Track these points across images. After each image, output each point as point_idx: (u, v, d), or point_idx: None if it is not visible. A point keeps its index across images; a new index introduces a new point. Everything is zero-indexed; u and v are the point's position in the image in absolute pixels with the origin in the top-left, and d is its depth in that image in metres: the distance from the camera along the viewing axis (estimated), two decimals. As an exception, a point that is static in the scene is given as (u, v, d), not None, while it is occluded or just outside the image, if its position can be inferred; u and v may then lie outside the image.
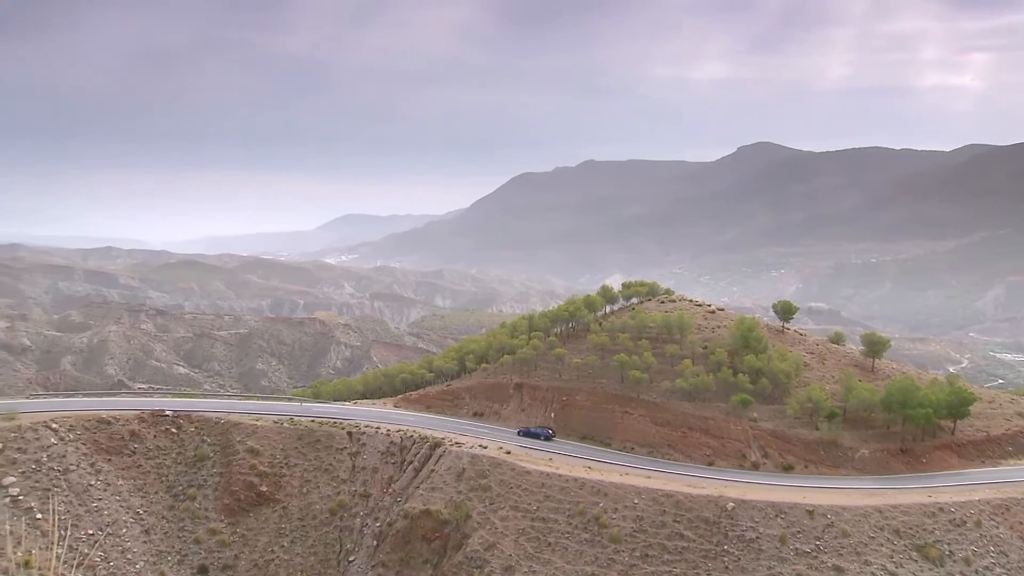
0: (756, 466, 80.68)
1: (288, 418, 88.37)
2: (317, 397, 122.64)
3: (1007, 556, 65.39)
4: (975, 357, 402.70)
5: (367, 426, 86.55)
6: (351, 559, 73.18)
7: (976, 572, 63.79)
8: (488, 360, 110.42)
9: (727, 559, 63.21)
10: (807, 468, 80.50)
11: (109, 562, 64.53)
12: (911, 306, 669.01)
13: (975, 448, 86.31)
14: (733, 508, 66.50)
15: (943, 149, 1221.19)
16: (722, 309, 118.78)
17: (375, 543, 73.75)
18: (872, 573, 62.11)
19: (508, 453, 78.85)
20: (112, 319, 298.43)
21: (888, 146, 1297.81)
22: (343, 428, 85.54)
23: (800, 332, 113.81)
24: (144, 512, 71.69)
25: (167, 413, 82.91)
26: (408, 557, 70.59)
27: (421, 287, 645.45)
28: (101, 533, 66.18)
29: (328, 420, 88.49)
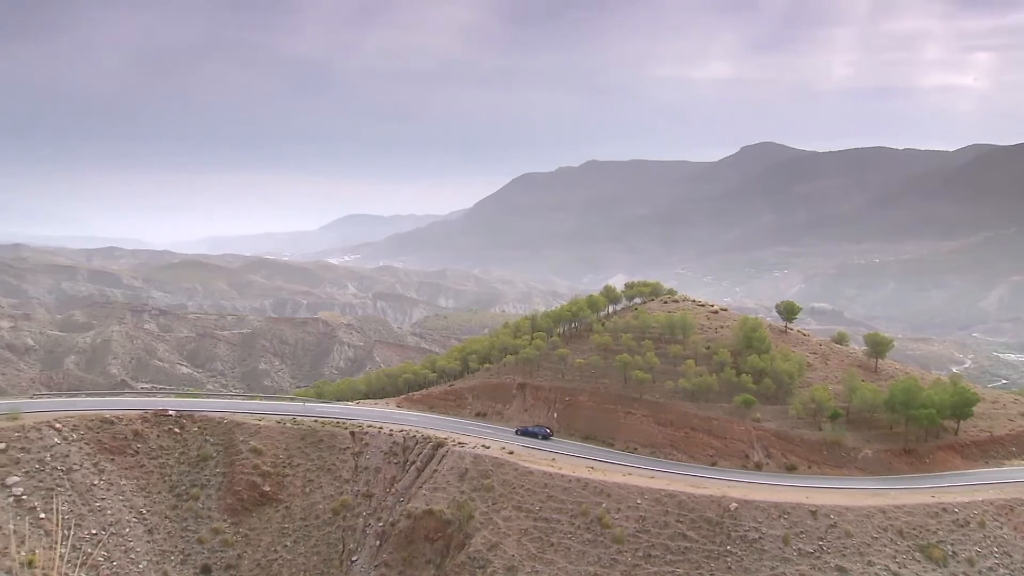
0: (759, 466, 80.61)
1: (291, 418, 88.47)
2: (320, 397, 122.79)
3: (1011, 557, 65.23)
4: (979, 357, 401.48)
5: (370, 426, 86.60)
6: (354, 559, 73.22)
7: (980, 573, 63.65)
8: (491, 360, 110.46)
9: (730, 559, 63.15)
10: (810, 468, 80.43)
11: (112, 562, 64.65)
12: (914, 306, 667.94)
13: (979, 449, 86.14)
14: (736, 508, 66.42)
15: (946, 149, 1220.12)
16: (725, 309, 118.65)
17: (378, 543, 73.79)
18: (875, 574, 62.01)
19: (511, 453, 78.81)
20: (115, 319, 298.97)
21: (891, 146, 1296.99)
22: (346, 428, 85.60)
23: (803, 332, 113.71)
24: (147, 512, 71.83)
25: (170, 413, 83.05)
26: (411, 557, 70.61)
27: (424, 287, 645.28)
28: (104, 533, 66.31)
29: (331, 420, 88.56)
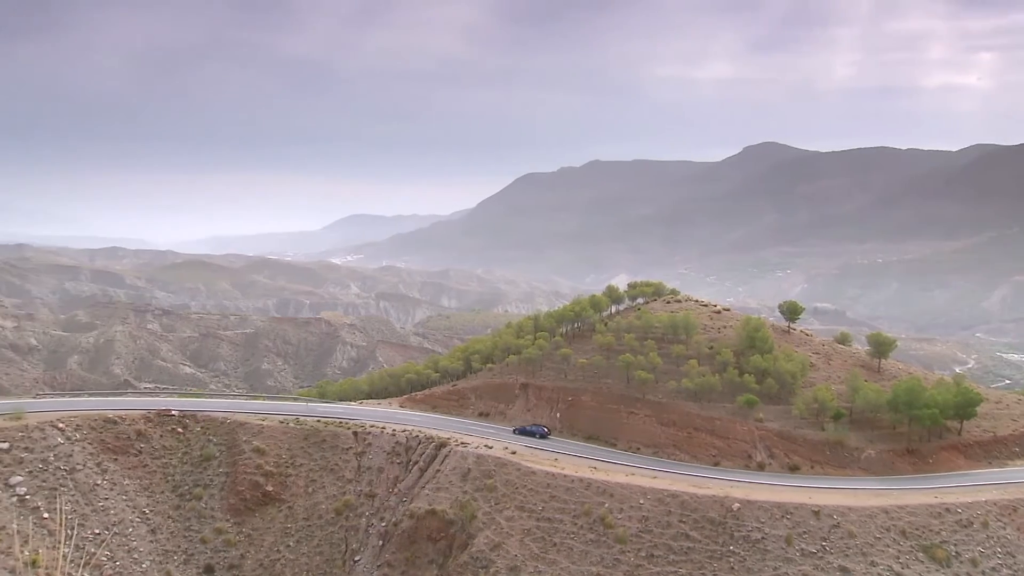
0: (762, 466, 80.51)
1: (294, 418, 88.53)
2: (323, 397, 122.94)
3: (1014, 557, 65.07)
4: (982, 357, 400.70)
5: (373, 426, 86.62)
6: (357, 559, 73.26)
7: (983, 573, 63.51)
8: (494, 360, 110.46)
9: (732, 559, 63.10)
10: (813, 469, 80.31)
11: (115, 561, 64.78)
12: (917, 306, 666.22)
13: (982, 449, 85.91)
14: (739, 508, 66.36)
15: (949, 149, 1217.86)
16: (728, 309, 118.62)
17: (380, 543, 73.82)
18: (878, 574, 61.92)
19: (513, 453, 78.78)
20: (118, 319, 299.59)
21: (894, 146, 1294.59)
22: (349, 428, 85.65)
23: (806, 332, 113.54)
24: (150, 511, 71.94)
25: (173, 413, 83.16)
26: (413, 557, 70.62)
27: (427, 287, 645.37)
28: (107, 532, 66.43)
29: (334, 420, 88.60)
